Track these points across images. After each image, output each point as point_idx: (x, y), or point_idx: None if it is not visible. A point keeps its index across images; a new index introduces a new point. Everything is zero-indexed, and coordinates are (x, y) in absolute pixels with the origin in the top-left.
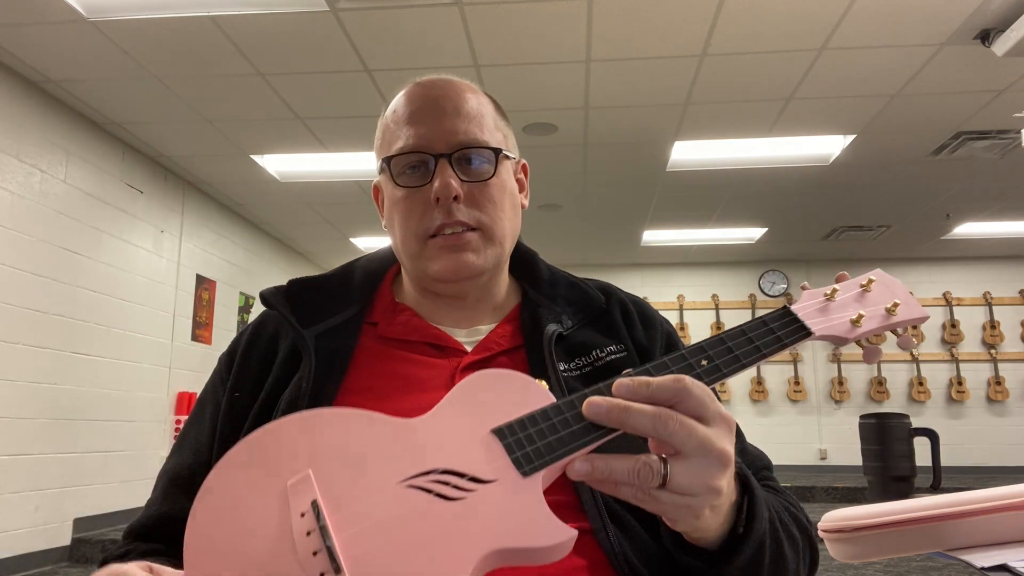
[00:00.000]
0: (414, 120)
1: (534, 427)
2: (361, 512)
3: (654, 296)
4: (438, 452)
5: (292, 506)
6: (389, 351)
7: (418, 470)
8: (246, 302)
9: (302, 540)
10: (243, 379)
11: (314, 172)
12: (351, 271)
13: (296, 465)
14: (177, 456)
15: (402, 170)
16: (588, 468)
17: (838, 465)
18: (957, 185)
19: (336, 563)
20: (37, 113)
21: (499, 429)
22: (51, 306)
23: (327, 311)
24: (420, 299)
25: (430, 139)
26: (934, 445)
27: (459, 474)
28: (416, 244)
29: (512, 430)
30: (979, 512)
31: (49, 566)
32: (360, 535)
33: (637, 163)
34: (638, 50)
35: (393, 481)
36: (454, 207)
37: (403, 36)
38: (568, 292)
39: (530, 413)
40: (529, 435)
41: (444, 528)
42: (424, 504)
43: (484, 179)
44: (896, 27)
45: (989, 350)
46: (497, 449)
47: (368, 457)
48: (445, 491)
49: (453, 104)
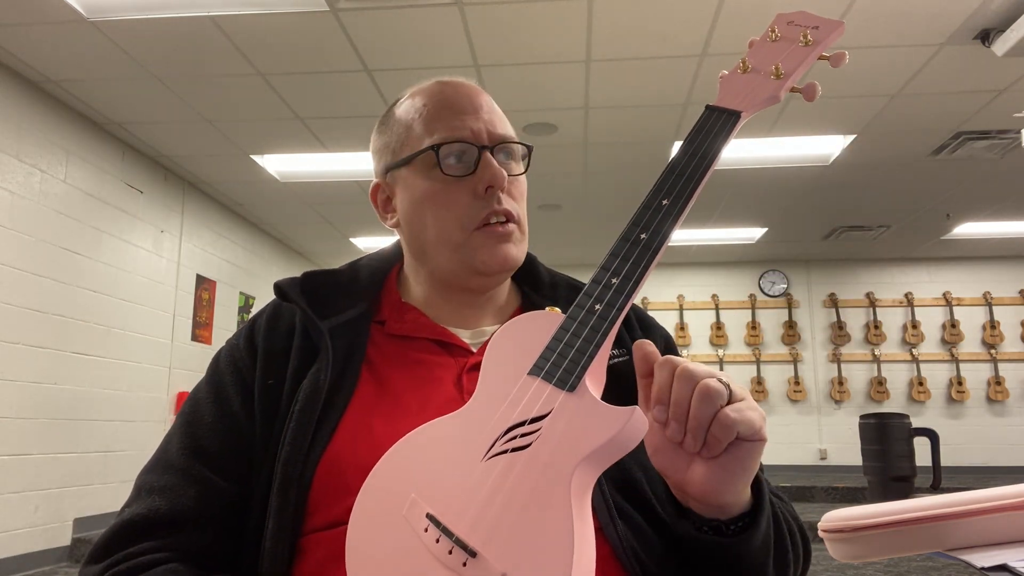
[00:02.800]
0: (452, 113)
1: (556, 349)
2: (467, 501)
3: (654, 296)
4: (496, 417)
5: (415, 527)
6: (398, 349)
7: (490, 441)
8: (246, 302)
9: (435, 547)
10: (273, 368)
11: (314, 172)
12: (357, 269)
13: (402, 495)
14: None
15: (444, 160)
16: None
17: (838, 465)
18: (957, 185)
19: (469, 549)
20: (37, 113)
21: (531, 369)
22: (51, 306)
23: (339, 306)
24: (427, 299)
25: (475, 131)
26: (934, 445)
27: (520, 424)
28: (461, 234)
29: (542, 363)
30: (979, 512)
31: (49, 566)
32: (476, 517)
33: (637, 163)
34: (638, 50)
35: (477, 462)
36: (503, 197)
37: (403, 36)
38: (569, 294)
39: (552, 339)
40: (556, 358)
41: (532, 469)
42: (510, 462)
43: (517, 174)
44: (896, 27)
45: (989, 350)
46: (540, 384)
47: (449, 457)
48: (518, 443)
49: (485, 102)
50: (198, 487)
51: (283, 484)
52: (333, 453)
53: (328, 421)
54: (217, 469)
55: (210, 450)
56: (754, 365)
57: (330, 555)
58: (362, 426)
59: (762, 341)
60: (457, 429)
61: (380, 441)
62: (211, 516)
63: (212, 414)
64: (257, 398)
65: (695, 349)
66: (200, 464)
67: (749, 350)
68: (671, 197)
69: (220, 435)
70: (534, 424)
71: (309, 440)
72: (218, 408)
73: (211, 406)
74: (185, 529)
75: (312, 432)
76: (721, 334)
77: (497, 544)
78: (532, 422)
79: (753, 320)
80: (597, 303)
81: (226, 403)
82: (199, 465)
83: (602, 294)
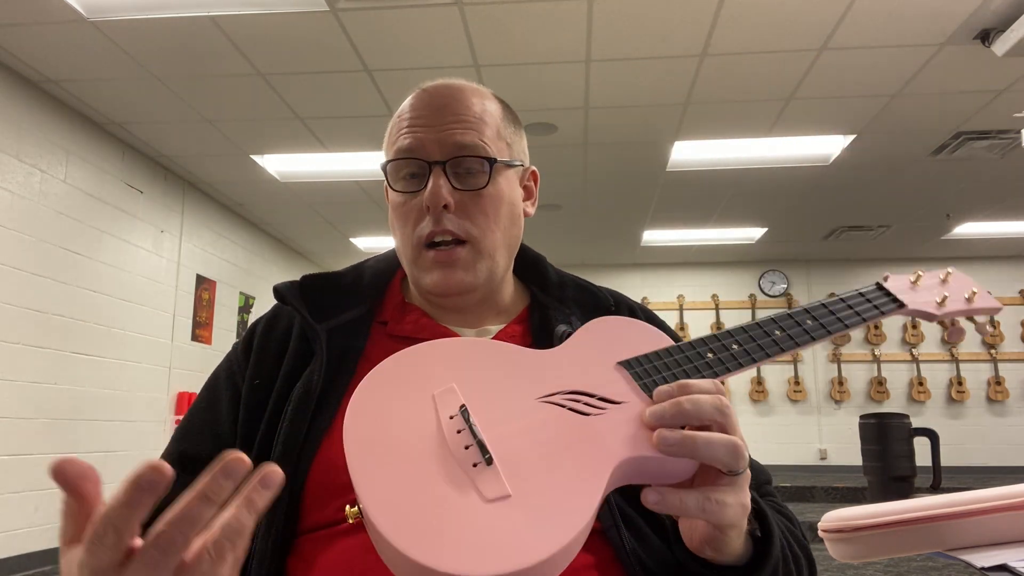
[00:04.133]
0: (413, 125)
1: (657, 361)
2: (505, 417)
3: (654, 296)
4: (570, 376)
5: (440, 410)
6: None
7: (552, 390)
8: (246, 302)
9: (453, 437)
10: (262, 368)
11: (314, 172)
12: (361, 271)
13: (440, 379)
14: (188, 443)
15: (399, 176)
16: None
17: (838, 465)
18: (957, 185)
19: (487, 454)
20: (37, 113)
21: (625, 361)
22: (51, 306)
23: (339, 307)
24: (428, 300)
25: (426, 145)
26: (934, 445)
27: (591, 395)
28: (412, 251)
29: (638, 362)
30: (979, 512)
31: (49, 566)
32: (506, 435)
33: (637, 163)
34: (638, 50)
35: (531, 397)
36: (444, 216)
37: (403, 36)
38: (577, 294)
39: (652, 351)
40: (654, 366)
41: (584, 435)
42: (562, 416)
43: (477, 189)
44: (896, 27)
45: (989, 350)
46: (625, 377)
47: (506, 377)
48: (579, 407)
49: (453, 111)
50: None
51: None
52: (326, 453)
53: (321, 421)
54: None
55: (192, 455)
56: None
57: (323, 555)
58: None
59: None
60: (524, 362)
61: None
62: None
63: (201, 419)
64: (243, 398)
65: None
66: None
67: None
68: (817, 324)
69: (208, 440)
70: (603, 403)
71: (301, 440)
72: (208, 412)
73: (202, 411)
74: None
75: (305, 432)
76: None
77: (517, 471)
78: (602, 400)
79: (753, 320)
80: (710, 352)
81: (215, 406)
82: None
83: (719, 349)
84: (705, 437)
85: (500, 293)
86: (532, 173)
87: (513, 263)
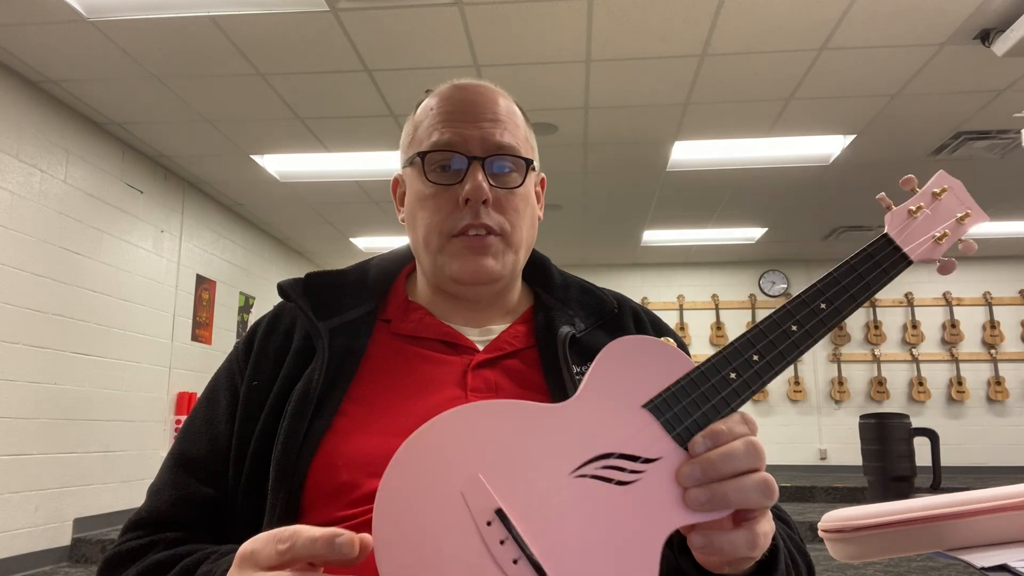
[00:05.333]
0: (452, 119)
1: (686, 399)
2: (545, 515)
3: (654, 296)
4: (599, 436)
5: (475, 514)
6: (402, 347)
7: (585, 458)
8: (246, 302)
9: (498, 549)
10: (260, 369)
11: (314, 172)
12: (366, 269)
13: (463, 467)
14: (188, 443)
15: (434, 167)
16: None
17: (838, 465)
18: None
19: (540, 570)
20: (37, 113)
21: (653, 406)
22: (51, 306)
23: (342, 306)
24: (433, 298)
25: (466, 140)
26: (934, 445)
27: (627, 456)
28: (438, 240)
29: (666, 404)
30: (979, 512)
31: (49, 566)
32: (552, 539)
33: (637, 163)
34: (638, 50)
35: (563, 473)
36: (482, 210)
37: (403, 36)
38: (581, 296)
39: (678, 384)
40: (683, 408)
41: (628, 513)
42: (602, 493)
43: (512, 187)
44: (896, 27)
45: (989, 350)
46: (655, 426)
47: (531, 451)
48: (617, 475)
49: (491, 109)
50: (177, 492)
51: (275, 483)
52: (326, 452)
53: (321, 420)
54: (199, 473)
55: (190, 454)
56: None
57: None
58: (357, 424)
59: None
60: (545, 424)
61: (375, 440)
62: (188, 519)
63: (201, 418)
64: (242, 399)
65: (695, 349)
66: (182, 470)
67: None
68: (830, 305)
69: (206, 440)
70: (642, 464)
71: (301, 439)
72: (208, 412)
73: (202, 410)
74: (165, 532)
75: (304, 431)
76: (721, 334)
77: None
78: (641, 461)
79: (753, 320)
80: (733, 372)
81: (215, 407)
82: (181, 471)
83: (741, 367)
84: (735, 484)
85: (509, 292)
86: (542, 180)
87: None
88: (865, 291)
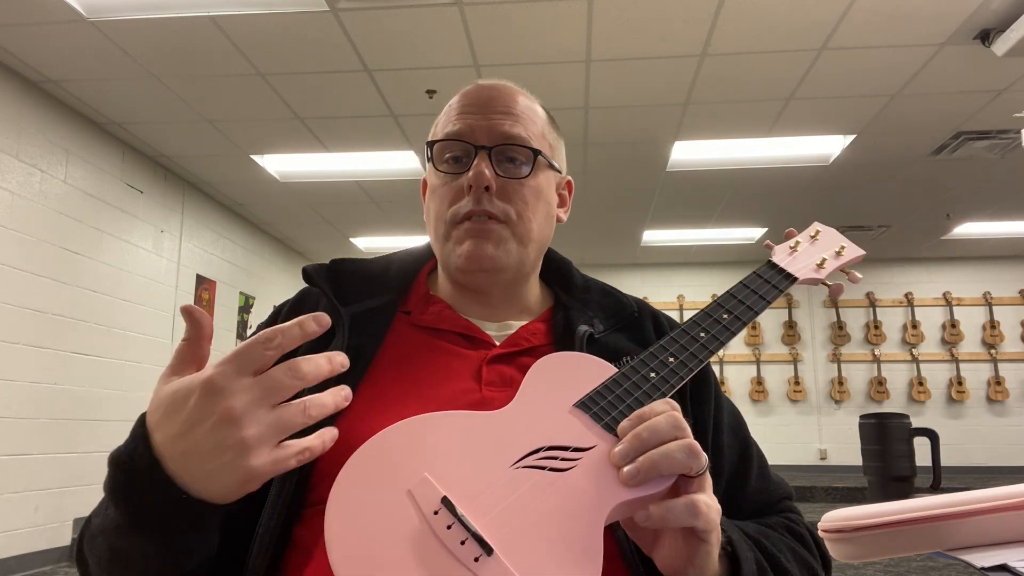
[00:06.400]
0: (465, 112)
1: (610, 395)
2: (489, 500)
3: (654, 296)
4: (535, 434)
5: (422, 507)
6: (420, 338)
7: (523, 452)
8: (246, 302)
9: (445, 533)
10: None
11: (314, 172)
12: (390, 261)
13: (409, 470)
14: None
15: (444, 157)
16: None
17: (838, 465)
18: (957, 185)
19: (486, 545)
20: (37, 113)
21: (581, 403)
22: (51, 306)
23: (365, 293)
24: (452, 293)
25: (475, 131)
26: (934, 445)
27: (561, 448)
28: (445, 228)
29: (593, 401)
30: (979, 512)
31: (49, 566)
32: (497, 518)
33: (637, 163)
34: (638, 50)
35: (504, 466)
36: (484, 197)
37: (403, 36)
38: (601, 298)
39: (602, 384)
40: (609, 402)
41: (568, 494)
42: (540, 479)
43: (519, 177)
44: (896, 27)
45: (989, 350)
46: (585, 420)
47: (473, 451)
48: (555, 464)
49: (504, 103)
50: None
51: None
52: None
53: None
54: None
55: None
56: (754, 365)
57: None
58: (371, 407)
59: (762, 341)
60: (485, 428)
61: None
62: None
63: None
64: None
65: None
66: None
67: (749, 350)
68: (730, 315)
69: None
70: (576, 453)
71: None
72: None
73: None
74: None
75: None
76: None
77: (519, 551)
78: (574, 450)
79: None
80: (652, 372)
81: None
82: None
83: (658, 367)
84: (661, 451)
85: (525, 290)
86: (568, 183)
87: (540, 265)
88: (759, 303)
